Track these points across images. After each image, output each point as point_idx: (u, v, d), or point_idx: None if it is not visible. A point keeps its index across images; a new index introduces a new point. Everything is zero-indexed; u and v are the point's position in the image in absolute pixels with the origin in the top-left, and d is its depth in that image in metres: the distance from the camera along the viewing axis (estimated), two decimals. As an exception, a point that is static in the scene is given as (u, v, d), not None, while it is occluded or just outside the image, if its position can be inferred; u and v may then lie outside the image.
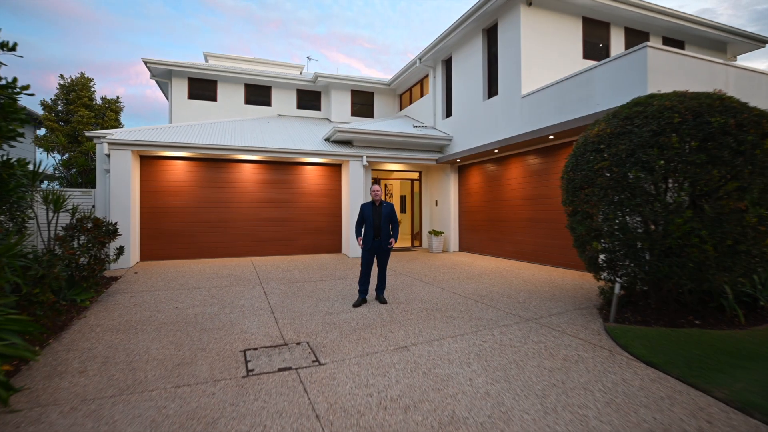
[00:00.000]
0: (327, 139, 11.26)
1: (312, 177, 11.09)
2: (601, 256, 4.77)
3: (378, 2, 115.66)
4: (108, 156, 8.66)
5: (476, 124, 10.24)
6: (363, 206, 5.50)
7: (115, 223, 7.69)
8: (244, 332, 4.32)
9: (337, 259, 10.05)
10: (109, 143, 8.51)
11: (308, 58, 19.68)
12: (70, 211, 6.46)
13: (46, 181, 10.67)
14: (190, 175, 9.96)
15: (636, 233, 4.29)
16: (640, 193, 4.17)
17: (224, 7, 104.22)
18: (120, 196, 8.55)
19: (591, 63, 8.66)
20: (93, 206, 9.07)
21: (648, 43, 5.95)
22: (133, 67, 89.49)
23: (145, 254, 9.49)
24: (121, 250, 7.71)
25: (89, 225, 6.21)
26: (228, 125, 11.76)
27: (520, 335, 4.15)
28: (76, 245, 5.91)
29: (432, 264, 9.24)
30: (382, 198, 5.79)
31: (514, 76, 8.84)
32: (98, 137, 8.50)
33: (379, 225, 5.37)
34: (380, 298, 5.52)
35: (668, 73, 6.03)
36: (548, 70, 8.81)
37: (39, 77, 68.80)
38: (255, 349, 3.79)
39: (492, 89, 9.88)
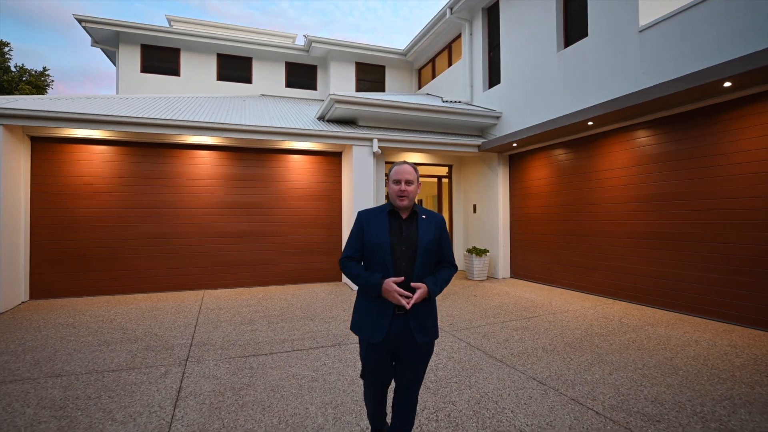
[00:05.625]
0: (322, 118, 7.88)
1: (299, 171, 7.69)
2: None
3: (380, 7, 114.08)
4: (-39, 133, 5.34)
5: (544, 88, 6.80)
6: (364, 217, 2.02)
7: (-60, 246, 4.34)
8: None
9: (335, 293, 6.62)
10: (-40, 112, 5.20)
11: (305, 36, 16.30)
12: None
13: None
14: (116, 167, 6.61)
15: None
16: None
17: (228, 15, 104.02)
18: (-20, 198, 5.21)
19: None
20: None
21: None
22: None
23: (41, 288, 6.12)
24: (-55, 295, 4.35)
25: None
26: (184, 101, 8.43)
27: None
28: None
29: (485, 305, 5.77)
30: (415, 199, 1.82)
31: (621, 3, 5.44)
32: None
33: (410, 269, 1.89)
34: None
35: None
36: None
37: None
38: None
39: (574, 32, 6.45)
